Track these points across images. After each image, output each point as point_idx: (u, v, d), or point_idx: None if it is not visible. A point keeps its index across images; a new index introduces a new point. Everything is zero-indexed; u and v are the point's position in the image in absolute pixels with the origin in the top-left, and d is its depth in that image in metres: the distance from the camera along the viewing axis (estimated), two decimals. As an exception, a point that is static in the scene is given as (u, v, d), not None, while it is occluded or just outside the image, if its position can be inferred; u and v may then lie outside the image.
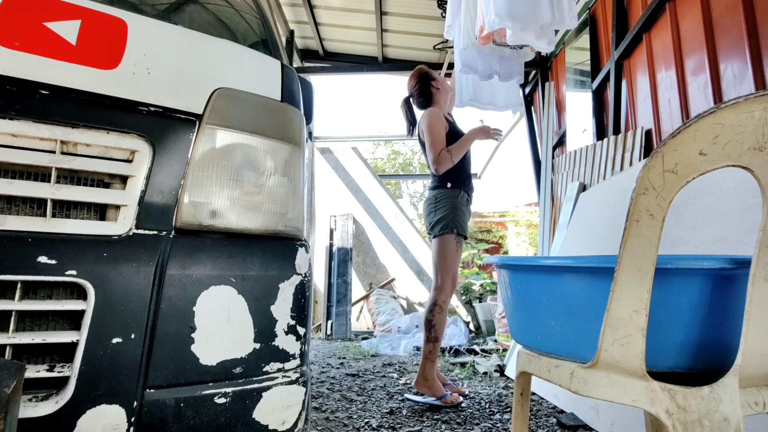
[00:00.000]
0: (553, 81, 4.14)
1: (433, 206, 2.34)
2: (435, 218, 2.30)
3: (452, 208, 2.28)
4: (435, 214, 2.31)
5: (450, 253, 2.26)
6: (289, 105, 0.98)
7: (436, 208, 2.32)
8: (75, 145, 0.78)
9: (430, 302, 2.27)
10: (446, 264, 2.25)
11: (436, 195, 2.35)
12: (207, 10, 1.38)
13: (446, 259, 2.25)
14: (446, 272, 2.26)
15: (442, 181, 2.36)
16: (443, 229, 2.26)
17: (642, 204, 0.66)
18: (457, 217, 2.28)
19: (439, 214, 2.29)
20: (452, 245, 2.27)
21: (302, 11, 4.34)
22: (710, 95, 2.08)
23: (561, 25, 2.21)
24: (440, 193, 2.33)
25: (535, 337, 0.90)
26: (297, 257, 0.91)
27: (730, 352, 0.65)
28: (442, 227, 2.26)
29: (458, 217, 2.28)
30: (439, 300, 2.24)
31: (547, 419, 1.89)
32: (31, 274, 0.70)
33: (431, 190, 2.41)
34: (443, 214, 2.28)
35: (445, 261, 2.26)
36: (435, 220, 2.30)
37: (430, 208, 2.36)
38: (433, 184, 2.42)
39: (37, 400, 0.69)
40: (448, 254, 2.26)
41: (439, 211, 2.30)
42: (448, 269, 2.26)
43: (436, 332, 2.21)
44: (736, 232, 1.42)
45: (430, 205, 2.36)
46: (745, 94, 0.61)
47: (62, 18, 0.79)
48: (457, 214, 2.28)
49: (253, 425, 0.80)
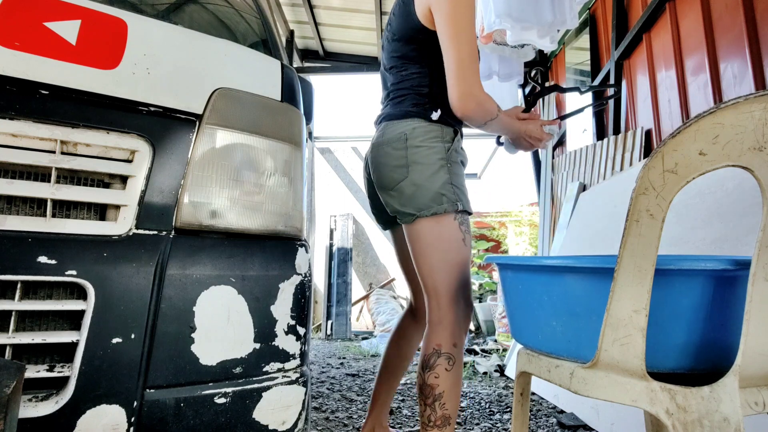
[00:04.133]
0: (553, 81, 4.14)
1: (405, 152, 1.16)
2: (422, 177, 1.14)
3: (446, 164, 1.16)
4: (418, 168, 1.15)
5: (454, 249, 1.15)
6: (289, 105, 0.98)
7: (414, 157, 1.15)
8: (75, 145, 0.78)
9: (430, 352, 1.14)
10: (451, 271, 1.15)
11: (407, 130, 1.17)
12: (207, 10, 1.38)
13: (450, 260, 1.15)
14: (455, 288, 1.15)
15: (423, 103, 1.20)
16: (435, 202, 1.13)
17: (642, 204, 0.66)
18: (456, 179, 1.18)
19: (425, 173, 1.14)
20: (458, 234, 1.16)
21: (302, 11, 4.35)
22: (710, 95, 2.08)
23: (562, 24, 2.22)
24: (418, 129, 1.17)
25: (535, 337, 0.90)
26: (297, 257, 0.91)
27: (731, 353, 0.65)
28: (433, 199, 1.13)
29: (457, 181, 1.18)
30: (444, 344, 1.14)
31: (547, 419, 1.89)
32: (31, 274, 0.70)
33: (399, 120, 1.20)
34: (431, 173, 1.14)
35: (448, 265, 1.15)
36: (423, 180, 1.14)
37: (405, 154, 1.16)
38: (400, 107, 1.22)
39: (37, 400, 0.69)
40: (450, 251, 1.14)
41: (420, 166, 1.15)
42: (458, 282, 1.15)
43: (446, 409, 1.12)
44: (736, 232, 1.42)
45: (402, 148, 1.16)
46: (745, 94, 0.60)
47: (62, 18, 0.79)
48: (454, 175, 1.17)
49: (253, 425, 0.80)
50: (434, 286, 1.16)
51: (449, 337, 1.14)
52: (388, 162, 1.18)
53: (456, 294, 1.15)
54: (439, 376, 1.12)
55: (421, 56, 1.22)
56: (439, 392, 1.12)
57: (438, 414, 1.12)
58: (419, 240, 1.16)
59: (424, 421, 1.14)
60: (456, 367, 1.14)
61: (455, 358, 1.14)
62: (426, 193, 1.14)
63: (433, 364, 1.13)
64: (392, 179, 1.17)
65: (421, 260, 1.17)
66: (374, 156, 1.22)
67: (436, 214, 1.13)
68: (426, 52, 1.21)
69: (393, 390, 1.46)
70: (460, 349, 1.16)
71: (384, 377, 1.45)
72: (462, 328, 1.17)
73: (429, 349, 1.15)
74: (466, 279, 1.18)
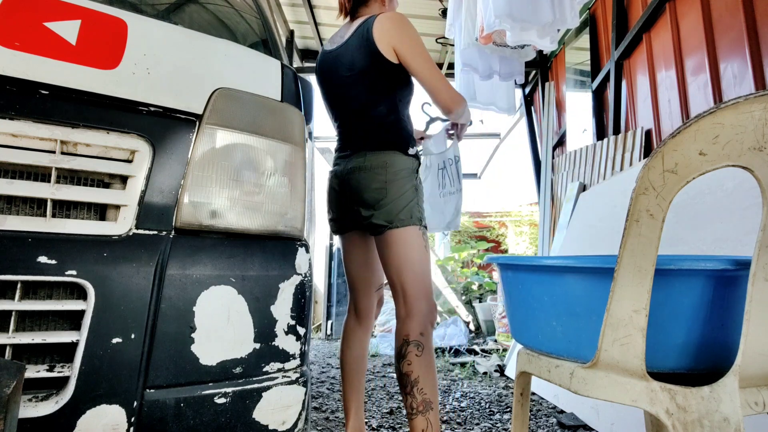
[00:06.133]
0: (553, 81, 4.14)
1: (385, 177, 1.38)
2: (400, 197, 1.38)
3: (415, 189, 1.43)
4: (395, 189, 1.38)
5: (420, 255, 1.38)
6: (289, 105, 0.98)
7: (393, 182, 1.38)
8: (75, 145, 0.78)
9: (401, 342, 1.33)
10: (416, 272, 1.37)
11: (389, 161, 1.40)
12: (207, 10, 1.38)
13: (415, 263, 1.37)
14: (419, 287, 1.36)
15: (399, 139, 1.44)
16: (405, 216, 1.37)
17: (642, 204, 0.66)
18: (420, 201, 1.45)
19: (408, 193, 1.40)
20: (421, 242, 1.40)
21: (302, 11, 4.34)
22: (710, 95, 2.08)
23: (562, 24, 2.22)
24: (398, 160, 1.41)
25: (535, 337, 0.89)
26: (297, 257, 0.91)
27: (731, 353, 0.65)
28: (404, 214, 1.37)
29: (421, 203, 1.46)
30: (412, 333, 1.32)
31: (547, 419, 1.89)
32: (31, 274, 0.70)
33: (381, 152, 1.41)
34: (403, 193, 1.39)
35: (414, 267, 1.37)
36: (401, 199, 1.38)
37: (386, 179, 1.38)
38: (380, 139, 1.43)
39: (37, 400, 0.69)
40: (417, 256, 1.38)
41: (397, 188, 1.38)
42: (422, 281, 1.37)
43: (425, 393, 1.27)
44: (736, 232, 1.42)
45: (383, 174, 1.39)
46: (745, 94, 0.60)
47: (62, 18, 0.79)
48: (419, 197, 1.44)
49: (253, 425, 0.80)
50: (402, 284, 1.37)
51: (416, 327, 1.32)
52: (370, 184, 1.40)
53: (419, 291, 1.36)
54: (412, 363, 1.29)
55: (387, 88, 1.44)
56: (415, 378, 1.27)
57: (419, 400, 1.26)
58: (390, 245, 1.38)
59: (409, 411, 1.28)
60: (426, 354, 1.30)
61: (424, 344, 1.31)
62: (399, 209, 1.37)
63: (405, 353, 1.30)
64: (373, 198, 1.39)
65: (392, 262, 1.38)
66: (357, 177, 1.43)
67: (406, 225, 1.38)
68: (389, 84, 1.44)
69: (362, 390, 1.60)
70: (427, 337, 1.33)
71: (348, 382, 1.58)
72: (428, 320, 1.36)
73: (399, 340, 1.33)
74: (428, 279, 1.41)
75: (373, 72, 1.41)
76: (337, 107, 1.54)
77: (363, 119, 1.47)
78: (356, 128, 1.49)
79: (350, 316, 1.62)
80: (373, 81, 1.43)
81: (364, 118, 1.46)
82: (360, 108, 1.46)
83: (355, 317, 1.60)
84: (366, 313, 1.58)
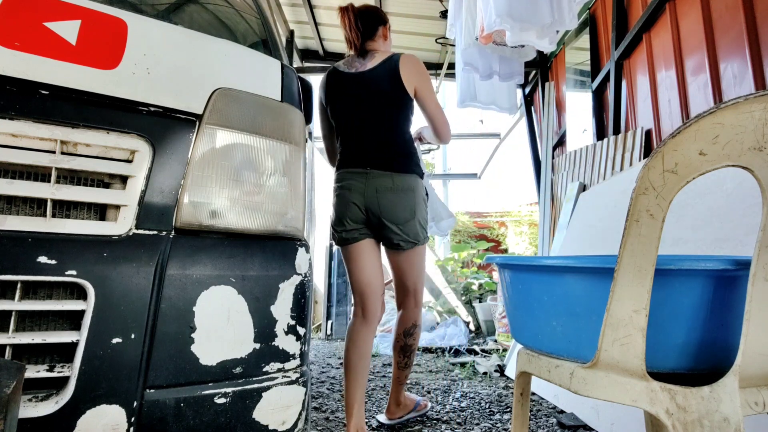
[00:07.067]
0: (553, 81, 4.14)
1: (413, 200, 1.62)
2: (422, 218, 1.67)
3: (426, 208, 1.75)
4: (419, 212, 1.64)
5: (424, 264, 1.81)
6: (289, 105, 0.98)
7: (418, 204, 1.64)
8: (75, 145, 0.78)
9: (411, 325, 1.79)
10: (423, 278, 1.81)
11: (414, 185, 1.63)
12: (207, 10, 1.38)
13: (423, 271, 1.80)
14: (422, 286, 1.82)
15: (416, 164, 1.69)
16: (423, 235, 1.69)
17: (642, 204, 0.66)
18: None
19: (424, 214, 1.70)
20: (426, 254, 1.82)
21: (302, 11, 4.34)
22: (710, 95, 2.08)
23: (561, 25, 2.22)
24: (419, 184, 1.66)
25: (535, 337, 0.89)
26: (297, 257, 0.91)
27: (731, 353, 0.65)
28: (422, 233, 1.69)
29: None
30: (418, 320, 1.81)
31: (547, 419, 1.89)
32: (31, 274, 0.70)
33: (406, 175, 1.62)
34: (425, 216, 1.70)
35: (423, 274, 1.79)
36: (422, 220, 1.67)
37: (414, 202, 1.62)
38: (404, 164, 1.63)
39: (37, 400, 0.69)
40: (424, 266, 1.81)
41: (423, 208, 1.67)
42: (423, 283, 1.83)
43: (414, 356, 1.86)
44: (736, 232, 1.42)
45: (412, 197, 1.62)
46: (745, 94, 0.60)
47: (62, 18, 0.79)
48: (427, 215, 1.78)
49: (253, 425, 0.80)
50: (415, 286, 1.78)
51: (419, 316, 1.83)
52: (403, 205, 1.61)
53: (422, 291, 1.83)
54: (415, 339, 1.82)
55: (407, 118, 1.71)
56: (414, 348, 1.83)
57: (411, 360, 1.83)
58: (412, 258, 1.71)
59: (402, 366, 1.83)
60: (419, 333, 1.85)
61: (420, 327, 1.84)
62: (421, 229, 1.67)
63: (413, 333, 1.81)
64: (404, 218, 1.61)
65: (411, 271, 1.74)
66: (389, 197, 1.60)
67: (424, 243, 1.72)
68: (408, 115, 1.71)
69: (364, 388, 1.69)
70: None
71: (353, 379, 1.65)
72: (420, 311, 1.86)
73: (408, 323, 1.80)
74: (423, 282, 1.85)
75: (399, 102, 1.65)
76: (352, 124, 1.69)
77: (387, 141, 1.65)
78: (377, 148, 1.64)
79: (357, 318, 1.71)
80: (399, 109, 1.66)
81: (389, 140, 1.65)
82: (385, 131, 1.66)
83: (363, 319, 1.70)
84: (374, 316, 1.71)
